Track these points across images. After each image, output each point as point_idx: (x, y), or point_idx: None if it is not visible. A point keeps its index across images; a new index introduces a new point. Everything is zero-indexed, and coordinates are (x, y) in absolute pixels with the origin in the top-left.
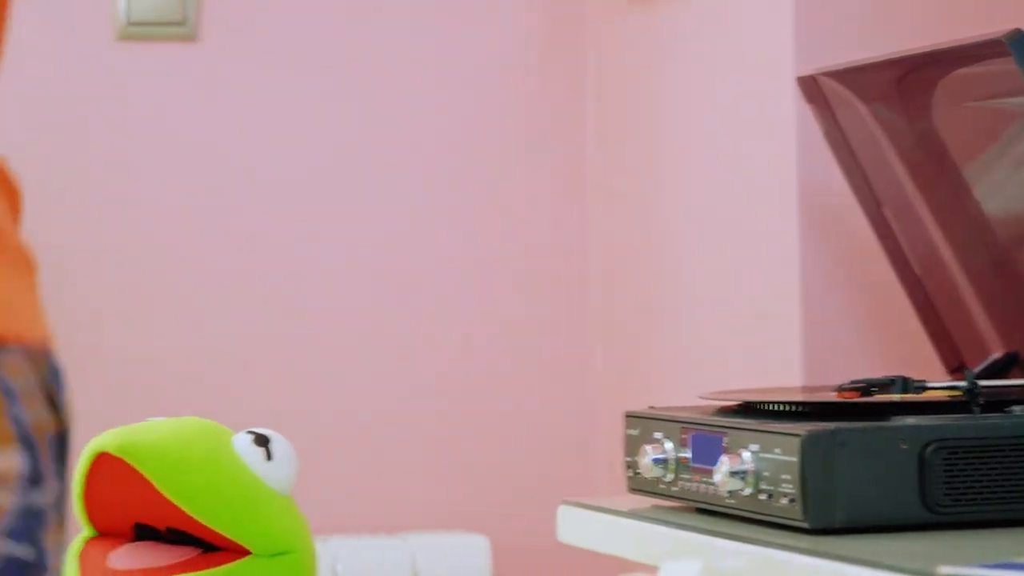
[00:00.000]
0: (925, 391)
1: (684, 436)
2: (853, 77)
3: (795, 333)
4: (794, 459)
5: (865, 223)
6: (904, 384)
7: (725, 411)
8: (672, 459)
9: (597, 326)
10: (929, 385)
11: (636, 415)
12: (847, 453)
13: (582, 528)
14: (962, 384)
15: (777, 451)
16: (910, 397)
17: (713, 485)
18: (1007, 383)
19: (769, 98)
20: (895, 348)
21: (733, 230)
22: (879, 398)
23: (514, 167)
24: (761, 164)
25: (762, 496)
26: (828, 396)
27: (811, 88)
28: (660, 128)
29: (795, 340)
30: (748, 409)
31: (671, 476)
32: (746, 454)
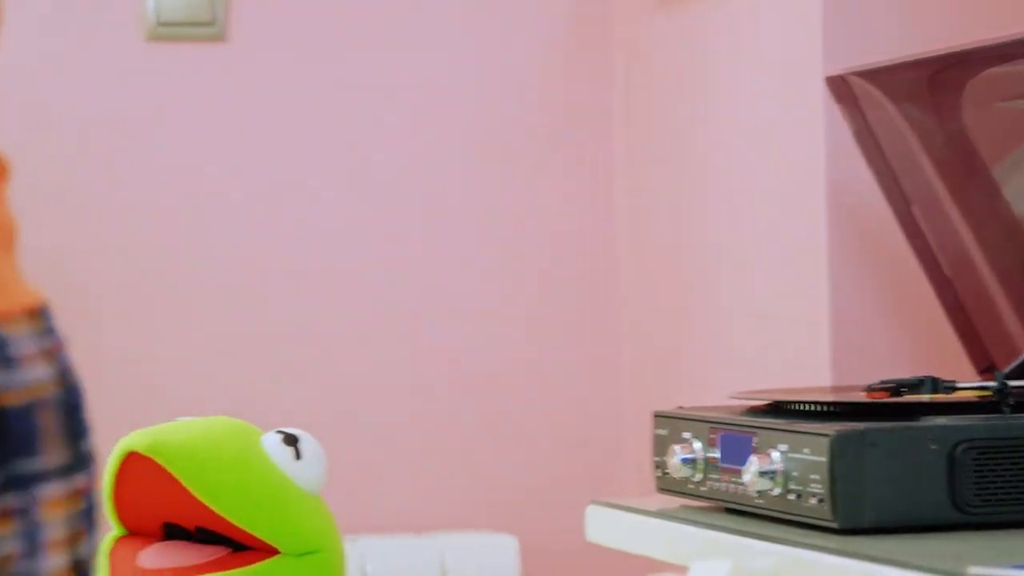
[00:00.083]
0: (955, 391)
1: (713, 436)
2: (882, 77)
3: (824, 333)
4: (823, 459)
5: (894, 223)
6: (934, 384)
7: (754, 411)
8: (701, 459)
9: (625, 326)
10: (959, 385)
11: (665, 415)
12: (876, 453)
13: (611, 528)
14: (992, 384)
15: (806, 451)
16: (940, 397)
17: (742, 485)
18: None
19: (798, 98)
20: (924, 348)
21: (762, 230)
22: (908, 398)
23: (542, 168)
24: (790, 164)
25: (791, 496)
26: (857, 396)
27: (840, 88)
28: (688, 128)
29: (824, 340)
30: (777, 409)
31: (700, 476)
32: (775, 454)
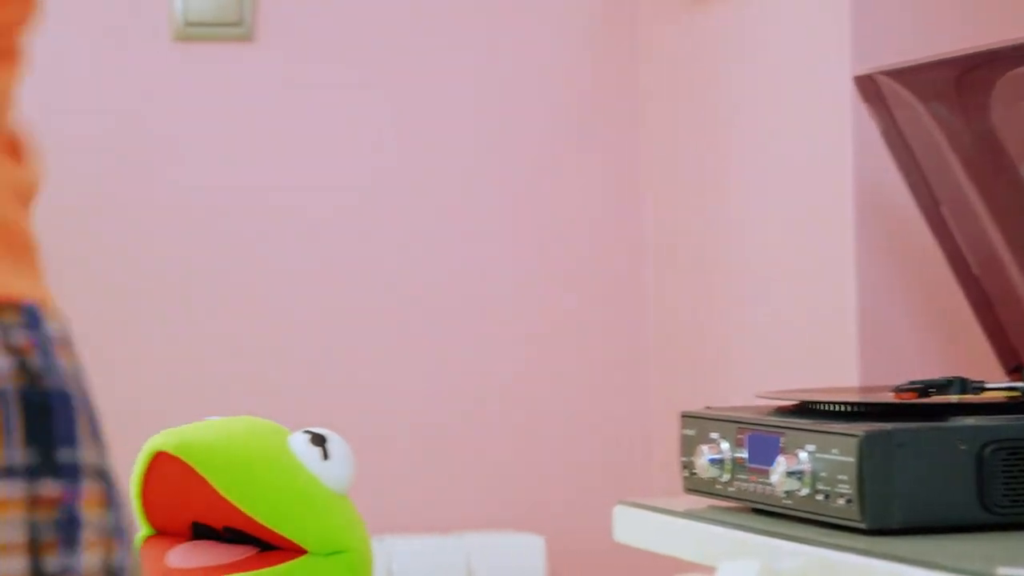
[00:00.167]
0: (983, 392)
1: (740, 436)
2: (911, 76)
3: (851, 333)
4: (851, 460)
5: (922, 223)
6: (962, 385)
7: (782, 411)
8: (728, 459)
9: (652, 326)
10: (987, 386)
11: (692, 415)
12: (905, 454)
13: (638, 528)
14: (1020, 385)
15: (834, 451)
16: (968, 398)
17: (770, 485)
18: None
19: (825, 98)
20: (952, 348)
21: (789, 230)
22: (937, 399)
23: (569, 169)
24: (818, 164)
25: (819, 497)
26: (885, 397)
27: (868, 87)
28: (715, 128)
29: (851, 340)
30: (805, 409)
31: (727, 476)
32: (803, 454)
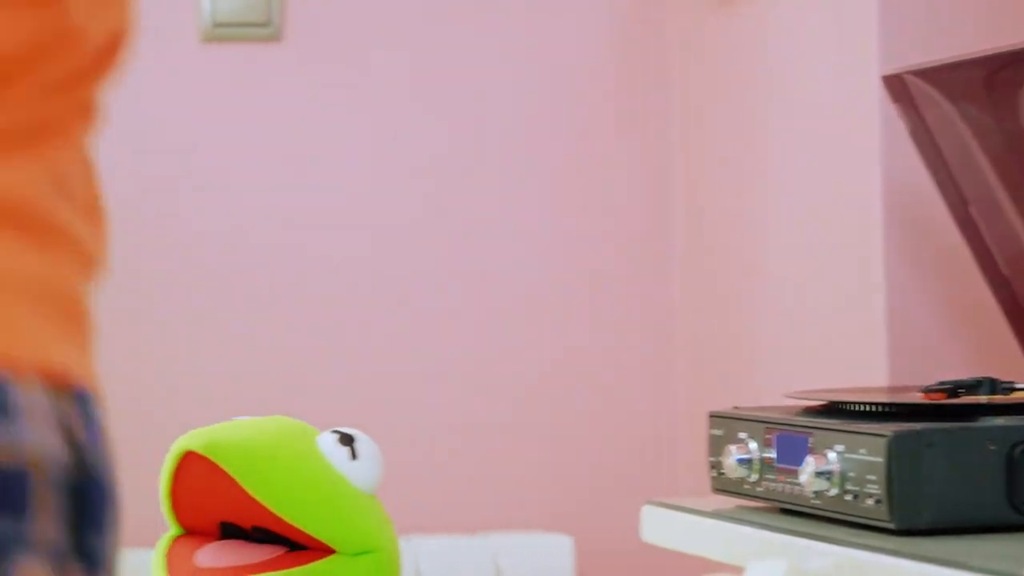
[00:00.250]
0: (1013, 392)
1: (769, 436)
2: (940, 76)
3: (880, 332)
4: (880, 460)
5: (951, 223)
6: (992, 385)
7: (810, 411)
8: (757, 459)
9: (680, 325)
10: (1017, 386)
11: (720, 415)
12: (934, 454)
13: (666, 528)
14: None
15: (863, 452)
16: (998, 399)
17: (798, 485)
18: None
19: (854, 97)
20: (981, 348)
21: (818, 229)
22: (966, 400)
23: (599, 168)
24: (846, 164)
25: (848, 497)
26: (914, 397)
27: (897, 87)
28: (744, 128)
29: (880, 340)
30: (833, 409)
31: (755, 476)
32: (832, 454)
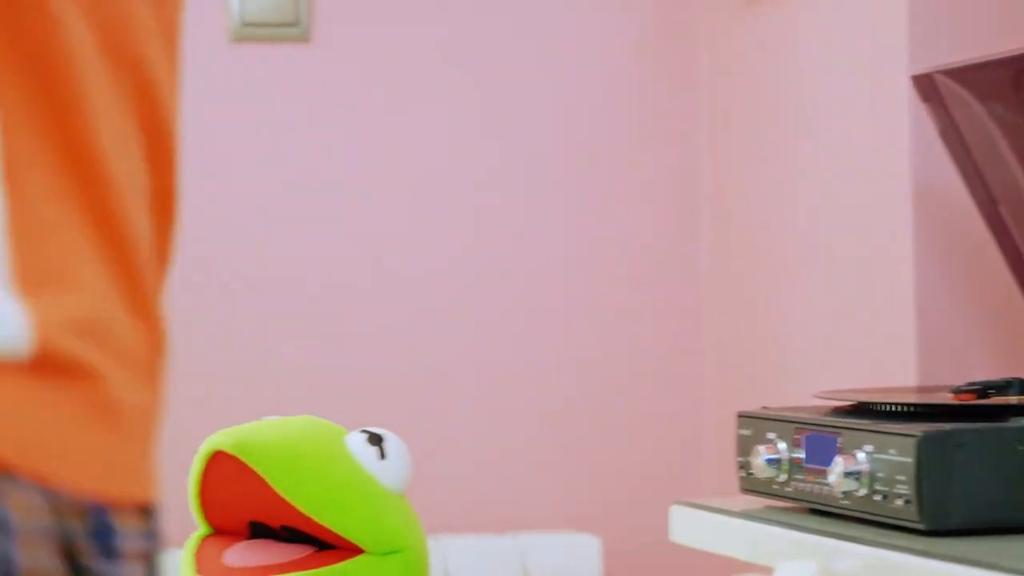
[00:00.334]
0: None
1: (798, 436)
2: (969, 75)
3: (909, 333)
4: (910, 460)
5: (980, 222)
6: (1021, 386)
7: (839, 411)
8: (785, 459)
9: (707, 326)
10: None
11: (749, 415)
12: (963, 454)
13: (694, 528)
14: None
15: (892, 452)
16: None
17: (827, 486)
18: None
19: (883, 97)
20: (1011, 349)
21: (846, 229)
22: (996, 400)
23: (627, 168)
24: (875, 163)
25: (877, 497)
26: (944, 398)
27: (926, 87)
28: (773, 128)
29: (909, 340)
30: (862, 409)
31: (784, 476)
32: (861, 455)
